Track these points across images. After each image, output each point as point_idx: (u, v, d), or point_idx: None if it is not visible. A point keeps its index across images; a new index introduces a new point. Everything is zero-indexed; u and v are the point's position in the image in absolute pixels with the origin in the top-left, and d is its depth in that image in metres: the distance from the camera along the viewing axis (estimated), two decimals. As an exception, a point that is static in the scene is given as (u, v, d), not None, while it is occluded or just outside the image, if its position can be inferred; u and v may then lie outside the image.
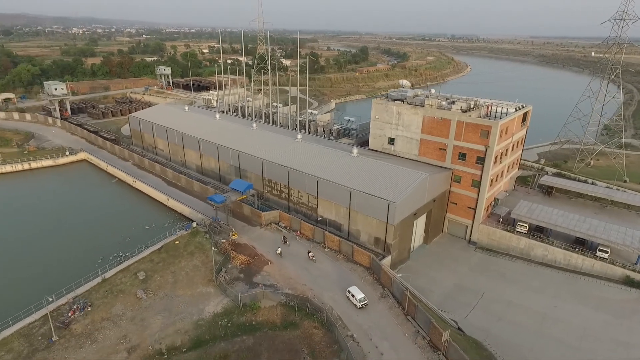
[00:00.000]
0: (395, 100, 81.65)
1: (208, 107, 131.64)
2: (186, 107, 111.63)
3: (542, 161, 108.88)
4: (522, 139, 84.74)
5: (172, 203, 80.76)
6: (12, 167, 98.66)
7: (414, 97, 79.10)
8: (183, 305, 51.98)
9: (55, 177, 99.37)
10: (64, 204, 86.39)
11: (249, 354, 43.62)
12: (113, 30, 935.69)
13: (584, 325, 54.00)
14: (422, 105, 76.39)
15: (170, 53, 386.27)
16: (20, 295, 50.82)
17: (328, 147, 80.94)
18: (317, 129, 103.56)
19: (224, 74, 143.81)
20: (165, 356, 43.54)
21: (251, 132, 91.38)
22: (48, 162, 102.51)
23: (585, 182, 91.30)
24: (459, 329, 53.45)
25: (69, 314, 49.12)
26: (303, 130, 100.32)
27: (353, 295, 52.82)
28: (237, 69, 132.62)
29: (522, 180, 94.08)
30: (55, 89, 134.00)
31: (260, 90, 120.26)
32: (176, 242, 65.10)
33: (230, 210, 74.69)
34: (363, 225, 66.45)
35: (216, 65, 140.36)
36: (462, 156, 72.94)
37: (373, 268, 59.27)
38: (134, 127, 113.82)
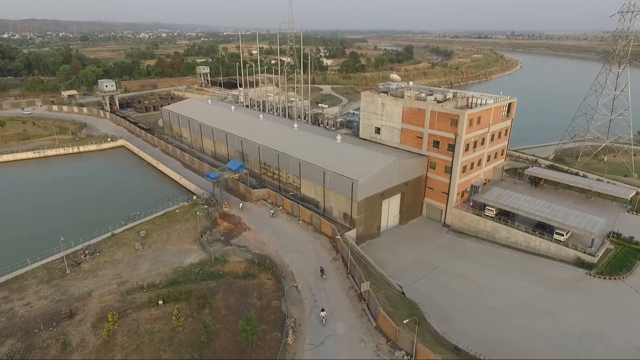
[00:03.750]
0: (381, 92, 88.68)
1: (236, 102, 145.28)
2: (209, 101, 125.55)
3: (551, 156, 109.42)
4: (506, 130, 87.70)
5: (183, 181, 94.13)
6: (65, 150, 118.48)
7: (396, 90, 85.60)
8: (169, 256, 63.71)
9: (98, 159, 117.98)
10: (101, 179, 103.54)
11: (207, 292, 53.92)
12: (176, 34, 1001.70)
13: (520, 296, 58.31)
14: (402, 97, 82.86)
15: (221, 55, 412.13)
16: (52, 241, 64.86)
17: (318, 134, 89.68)
18: (323, 121, 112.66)
19: (260, 73, 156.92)
20: (145, 290, 55.09)
21: (257, 122, 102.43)
22: (93, 147, 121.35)
23: (577, 174, 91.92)
24: (402, 292, 60.19)
25: (82, 257, 62.68)
26: (305, 121, 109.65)
27: None
28: (279, 68, 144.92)
29: (515, 172, 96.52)
30: (106, 86, 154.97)
31: (293, 87, 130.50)
32: (177, 211, 77.50)
33: (229, 188, 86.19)
34: (335, 202, 74.59)
35: (250, 65, 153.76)
36: (436, 144, 78.50)
37: (334, 237, 67.42)
38: (165, 119, 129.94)
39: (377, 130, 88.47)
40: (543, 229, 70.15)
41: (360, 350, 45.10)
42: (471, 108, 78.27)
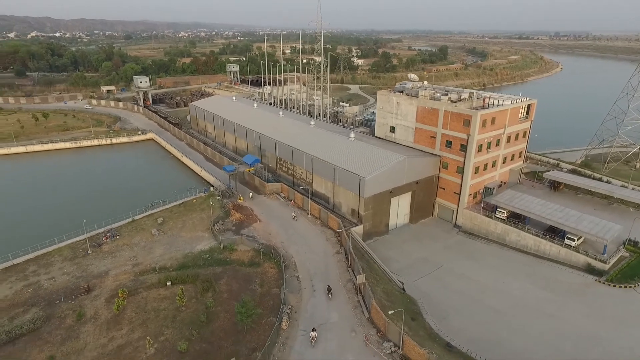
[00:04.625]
0: (397, 92, 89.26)
1: (262, 99, 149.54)
2: (233, 98, 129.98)
3: (578, 161, 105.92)
4: (524, 132, 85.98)
5: (203, 173, 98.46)
6: (99, 141, 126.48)
7: (411, 89, 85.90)
8: (182, 242, 67.44)
9: (128, 151, 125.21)
10: (129, 169, 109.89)
11: (213, 277, 56.96)
12: (214, 33, 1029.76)
13: (521, 298, 57.73)
14: (417, 96, 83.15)
15: (255, 53, 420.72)
16: (79, 224, 70.12)
17: (332, 132, 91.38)
18: (342, 119, 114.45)
19: (288, 72, 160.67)
20: (156, 272, 58.87)
21: (276, 118, 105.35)
22: (124, 139, 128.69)
23: (600, 180, 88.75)
24: (403, 289, 60.97)
25: (103, 239, 67.53)
26: (324, 119, 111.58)
27: None
28: (306, 67, 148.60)
29: (535, 176, 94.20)
30: (141, 82, 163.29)
31: (320, 86, 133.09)
32: (194, 201, 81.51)
33: (245, 181, 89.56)
34: (344, 198, 76.07)
35: (280, 64, 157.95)
36: (449, 144, 78.38)
37: (341, 232, 68.91)
38: (192, 114, 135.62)
39: (392, 129, 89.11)
40: (555, 233, 68.72)
41: (350, 339, 46.55)
42: (486, 109, 77.55)
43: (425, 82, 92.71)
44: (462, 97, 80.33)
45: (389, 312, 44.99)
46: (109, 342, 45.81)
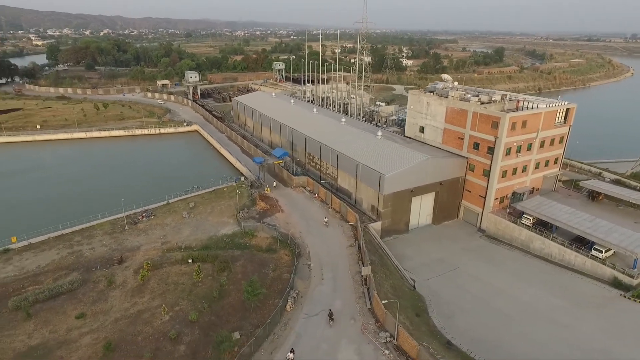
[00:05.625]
0: (428, 92, 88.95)
1: (302, 97, 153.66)
2: (273, 95, 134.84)
3: (628, 172, 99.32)
4: (561, 138, 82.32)
5: (237, 165, 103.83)
6: (148, 130, 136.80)
7: (442, 89, 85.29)
8: (208, 226, 72.32)
9: (173, 140, 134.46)
10: (172, 157, 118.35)
11: (230, 259, 60.93)
12: (269, 32, 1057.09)
13: (534, 305, 56.27)
14: (447, 97, 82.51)
15: (304, 52, 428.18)
16: (119, 203, 77.38)
17: (361, 129, 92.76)
18: (376, 118, 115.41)
19: (333, 71, 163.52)
20: (182, 250, 63.93)
21: (310, 115, 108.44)
22: (171, 130, 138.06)
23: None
24: (413, 286, 61.55)
25: (140, 218, 74.07)
26: (358, 118, 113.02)
27: None
28: (350, 67, 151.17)
29: (574, 184, 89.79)
30: (191, 77, 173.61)
31: (362, 85, 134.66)
32: (224, 189, 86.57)
33: (274, 173, 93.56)
34: (365, 194, 77.43)
35: (329, 63, 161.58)
36: (476, 146, 77.25)
37: (356, 226, 70.56)
38: (235, 108, 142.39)
39: (421, 129, 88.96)
40: (583, 243, 65.80)
41: (349, 326, 48.29)
42: (518, 111, 75.49)
43: (456, 83, 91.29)
44: (492, 99, 78.71)
45: (383, 302, 46.19)
46: (132, 306, 51.00)
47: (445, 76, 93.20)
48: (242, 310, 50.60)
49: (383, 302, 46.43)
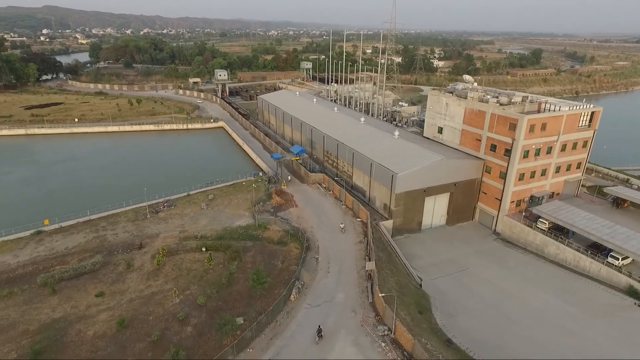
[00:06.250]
0: (448, 92, 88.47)
1: (326, 96, 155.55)
2: (297, 93, 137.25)
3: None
4: (584, 142, 79.85)
5: (258, 160, 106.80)
6: (177, 126, 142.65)
7: (461, 90, 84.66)
8: (224, 218, 75.24)
9: (200, 136, 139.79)
10: (197, 152, 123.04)
11: (242, 249, 63.35)
12: (302, 32, 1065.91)
13: (542, 309, 55.47)
14: (465, 98, 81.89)
15: (331, 52, 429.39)
16: (143, 193, 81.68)
17: (378, 129, 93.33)
18: (397, 118, 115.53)
19: (362, 71, 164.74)
20: (197, 239, 67.03)
21: (330, 114, 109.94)
22: (198, 126, 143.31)
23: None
24: (420, 285, 61.93)
25: (161, 207, 78.02)
26: (379, 117, 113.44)
27: None
28: (379, 67, 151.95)
29: (599, 190, 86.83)
30: (220, 75, 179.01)
31: (383, 86, 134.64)
32: (243, 183, 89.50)
33: (293, 170, 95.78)
34: (378, 192, 78.13)
35: (358, 63, 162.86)
36: (493, 148, 76.42)
37: (366, 223, 71.43)
38: (259, 106, 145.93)
39: (440, 130, 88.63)
40: (599, 250, 63.94)
41: (348, 318, 49.49)
42: (537, 113, 74.05)
43: (475, 84, 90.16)
44: (512, 101, 77.51)
45: (380, 295, 47.09)
46: (146, 288, 54.28)
47: (466, 77, 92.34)
48: (248, 297, 52.76)
49: (381, 294, 47.28)
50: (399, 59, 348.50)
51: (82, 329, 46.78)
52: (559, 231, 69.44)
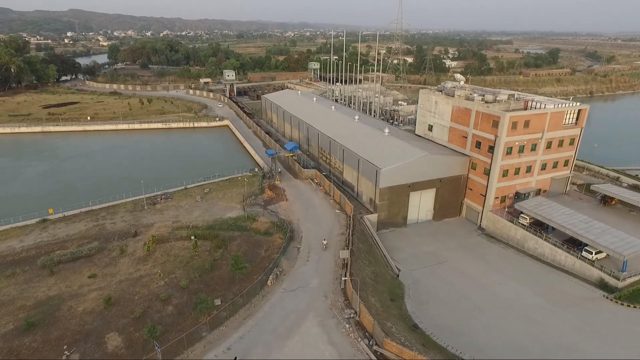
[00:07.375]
0: (438, 91, 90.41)
1: (330, 96, 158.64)
2: (299, 93, 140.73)
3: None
4: (571, 140, 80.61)
5: (257, 157, 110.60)
6: (183, 124, 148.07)
7: (449, 88, 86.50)
8: (217, 210, 79.17)
9: (205, 134, 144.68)
10: (200, 148, 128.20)
11: (228, 239, 66.98)
12: (318, 33, 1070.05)
13: (511, 300, 57.22)
14: (453, 96, 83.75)
15: (348, 53, 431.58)
16: (141, 186, 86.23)
17: (371, 126, 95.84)
18: (394, 117, 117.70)
19: (370, 71, 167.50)
20: (188, 229, 71.05)
21: (327, 112, 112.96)
22: (204, 124, 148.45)
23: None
24: (397, 275, 64.36)
25: (159, 199, 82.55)
26: (375, 116, 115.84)
27: None
28: (388, 68, 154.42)
29: (584, 187, 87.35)
30: (228, 75, 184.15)
31: (398, 86, 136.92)
32: (239, 178, 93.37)
33: (288, 166, 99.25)
34: (364, 187, 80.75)
35: (371, 64, 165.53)
36: (478, 144, 78.18)
37: (350, 216, 74.20)
38: (263, 105, 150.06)
39: (430, 128, 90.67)
40: (576, 244, 65.11)
41: (319, 302, 52.44)
42: (520, 111, 75.45)
43: (462, 82, 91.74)
44: (497, 98, 79.02)
45: (343, 279, 49.90)
46: (135, 271, 58.46)
47: (457, 76, 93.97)
48: (228, 282, 56.28)
49: (343, 278, 50.10)
50: (410, 59, 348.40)
51: (73, 306, 51.13)
52: (539, 226, 70.80)
